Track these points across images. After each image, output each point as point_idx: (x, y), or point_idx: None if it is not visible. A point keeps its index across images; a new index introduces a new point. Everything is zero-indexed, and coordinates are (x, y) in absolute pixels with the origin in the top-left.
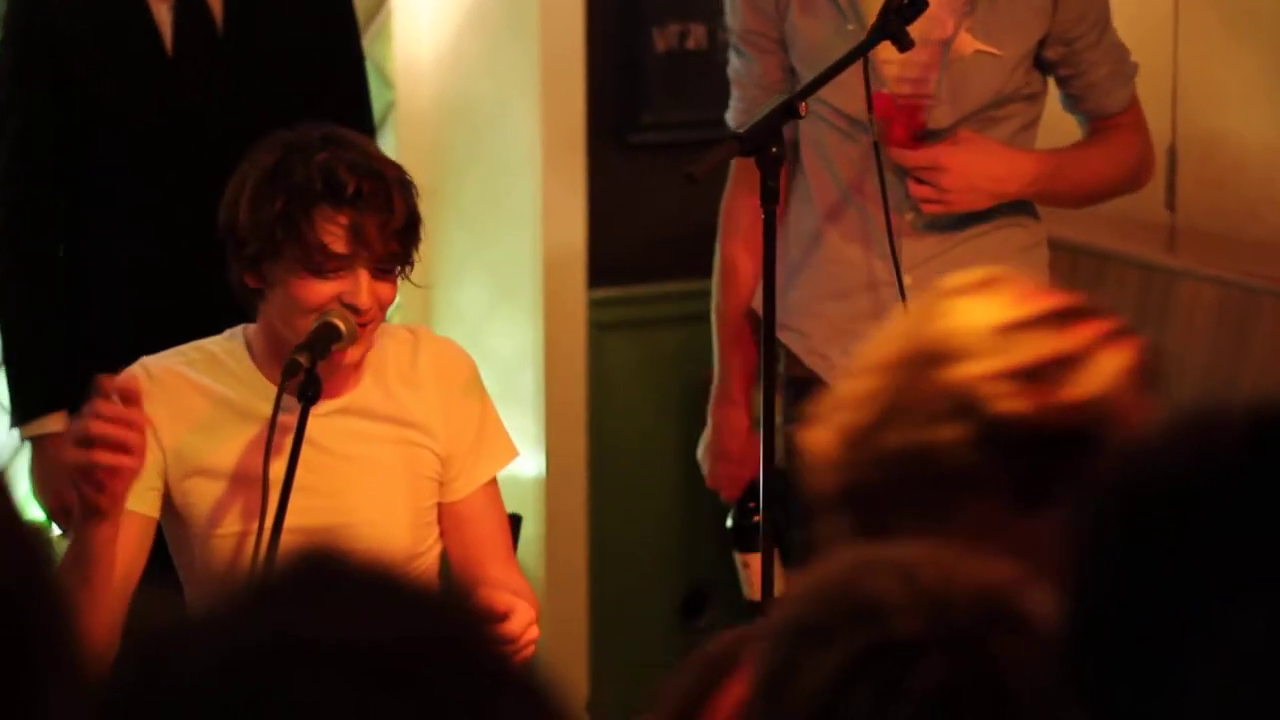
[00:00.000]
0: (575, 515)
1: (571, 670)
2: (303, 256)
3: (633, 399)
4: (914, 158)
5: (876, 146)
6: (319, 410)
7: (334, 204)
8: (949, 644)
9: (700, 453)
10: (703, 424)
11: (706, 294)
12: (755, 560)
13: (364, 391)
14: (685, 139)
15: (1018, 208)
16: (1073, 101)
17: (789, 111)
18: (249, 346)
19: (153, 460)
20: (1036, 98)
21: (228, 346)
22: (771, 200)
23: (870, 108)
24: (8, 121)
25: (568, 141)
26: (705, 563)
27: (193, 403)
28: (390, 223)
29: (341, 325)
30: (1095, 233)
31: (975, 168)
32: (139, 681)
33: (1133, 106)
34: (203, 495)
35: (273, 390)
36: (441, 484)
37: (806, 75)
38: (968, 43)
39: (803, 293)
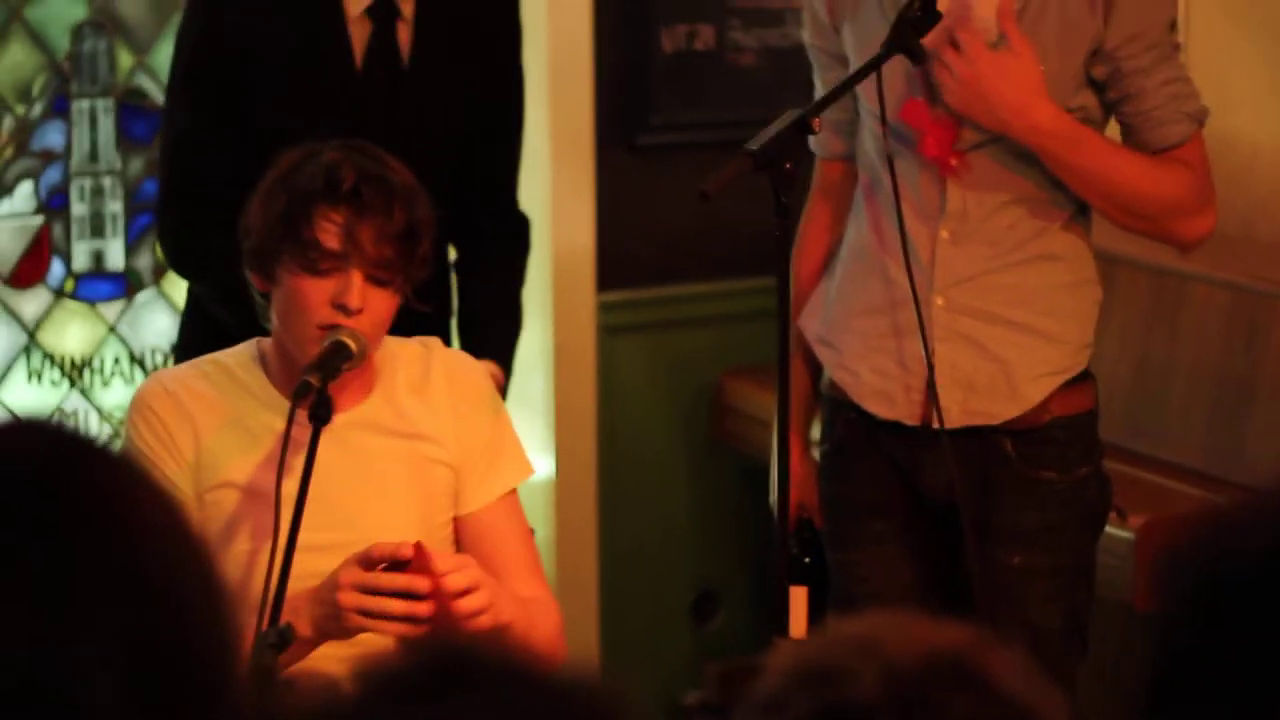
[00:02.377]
0: (585, 518)
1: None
2: (299, 254)
3: (643, 402)
4: (963, 34)
5: (891, 160)
6: (329, 425)
7: (331, 202)
8: (900, 703)
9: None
10: (712, 426)
11: (716, 297)
12: (795, 594)
13: (374, 405)
14: (694, 140)
15: (1064, 236)
16: (1125, 132)
17: (802, 127)
18: (263, 359)
19: (180, 479)
20: (1093, 124)
21: (241, 360)
22: (784, 215)
23: (883, 118)
24: (178, 117)
25: (576, 144)
26: (716, 565)
27: (210, 417)
28: (387, 227)
29: (352, 344)
30: (1105, 236)
31: (994, 81)
32: None
33: (1190, 147)
34: (218, 510)
35: (284, 404)
36: (457, 497)
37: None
38: (1005, 9)
39: (840, 307)
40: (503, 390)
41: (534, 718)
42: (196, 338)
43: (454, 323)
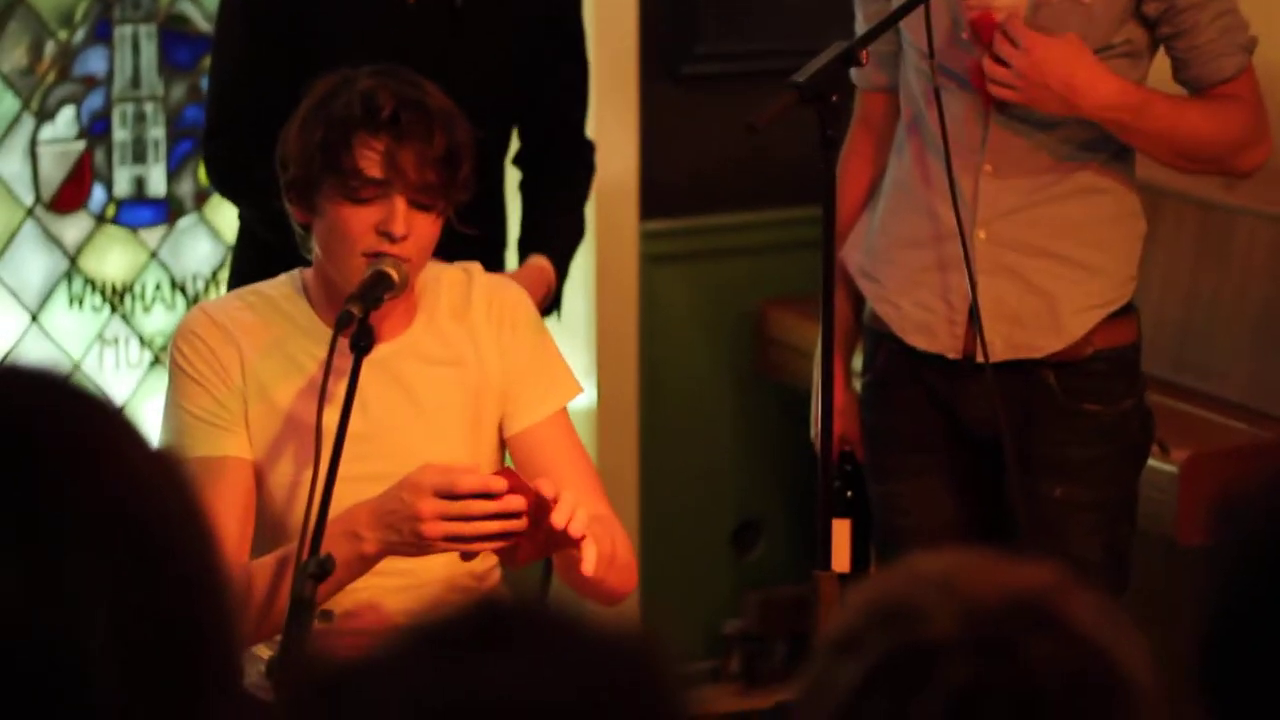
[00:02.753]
0: (626, 446)
1: (622, 603)
2: (340, 183)
3: (684, 331)
4: (1014, 26)
5: (937, 92)
6: (372, 354)
7: (371, 130)
8: (977, 644)
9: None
10: (753, 356)
11: (757, 226)
12: (838, 527)
13: (417, 333)
14: (738, 70)
15: (1108, 168)
16: (1177, 67)
17: (849, 60)
18: (305, 290)
19: (229, 401)
20: (1138, 57)
21: (284, 290)
22: (830, 148)
23: (931, 53)
24: (231, 46)
25: (620, 73)
26: (757, 495)
27: (255, 344)
28: (428, 152)
29: (394, 274)
30: (1151, 169)
31: (1056, 64)
32: None
33: (1244, 79)
34: (264, 435)
35: (327, 333)
36: (504, 418)
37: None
38: None
39: (883, 239)
40: (556, 295)
41: (578, 675)
42: (247, 264)
43: (506, 253)
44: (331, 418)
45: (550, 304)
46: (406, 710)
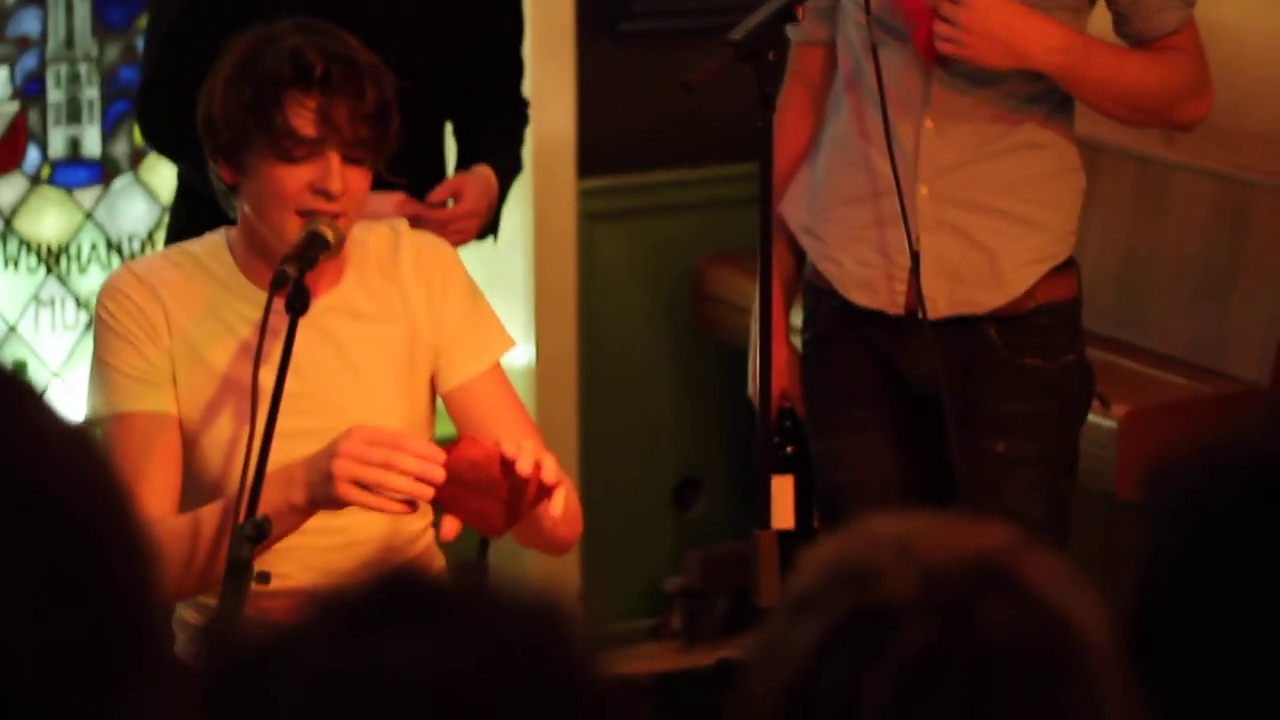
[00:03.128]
0: (566, 404)
1: (564, 559)
2: (272, 143)
3: (623, 288)
4: None
5: (874, 47)
6: (310, 309)
7: (303, 88)
8: (934, 607)
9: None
10: (693, 313)
11: (697, 183)
12: (779, 484)
13: (346, 290)
14: (676, 28)
15: (1049, 123)
16: (1119, 21)
17: (786, 15)
18: (231, 248)
19: (159, 361)
20: (1078, 11)
21: (210, 249)
22: (767, 106)
23: (866, 7)
24: (168, 5)
25: (557, 29)
26: (697, 452)
27: (182, 304)
28: (360, 108)
29: (329, 233)
30: (1091, 123)
31: (999, 14)
32: (229, 709)
33: (1186, 32)
34: (196, 397)
35: (255, 293)
36: (437, 374)
37: None
38: None
39: (824, 196)
40: (495, 215)
41: (480, 644)
42: (185, 223)
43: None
44: (266, 378)
45: (491, 224)
46: (304, 682)
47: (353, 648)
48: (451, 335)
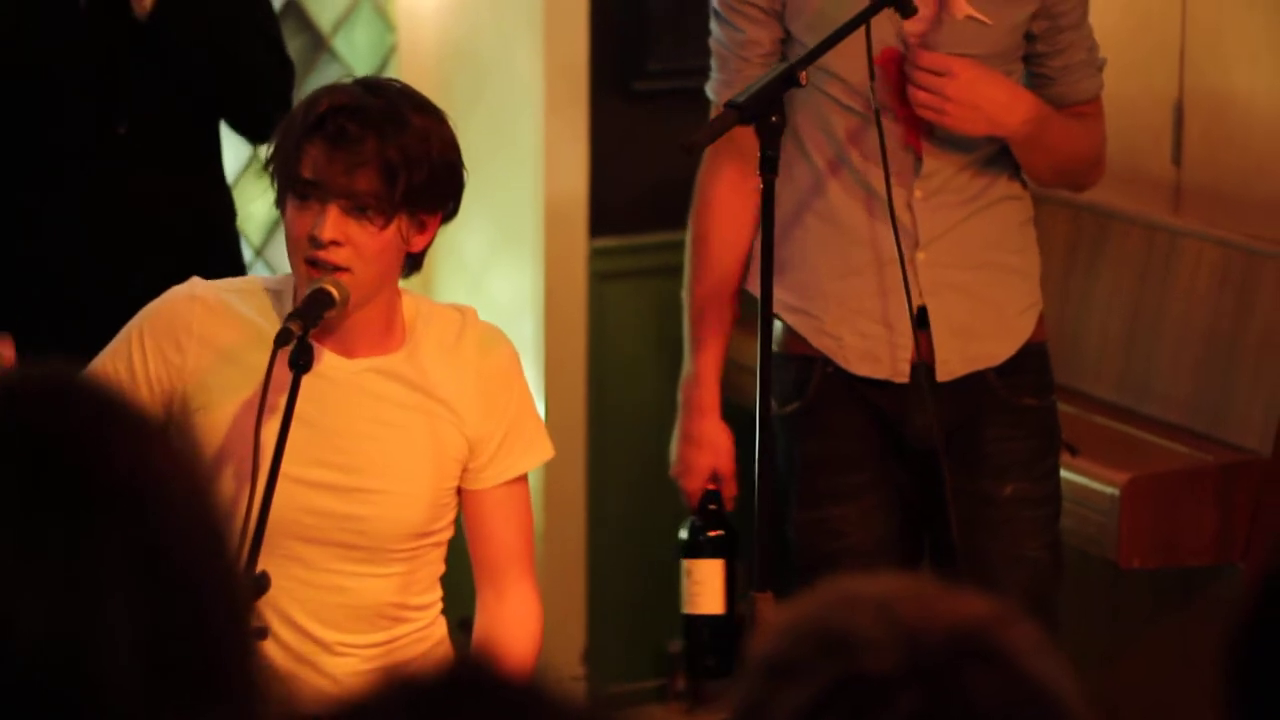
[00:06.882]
0: (574, 464)
1: (570, 621)
2: (288, 184)
3: (633, 349)
4: (928, 58)
5: (878, 113)
6: (353, 366)
7: (310, 135)
8: (921, 677)
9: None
10: None
11: None
12: (702, 569)
13: (401, 358)
14: (690, 86)
15: (1013, 177)
16: (1041, 83)
17: (789, 80)
18: (297, 290)
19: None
20: (1012, 74)
21: (279, 288)
22: (771, 170)
23: (872, 75)
24: None
25: (571, 88)
26: None
27: (226, 335)
28: (356, 158)
29: (334, 291)
30: (1099, 190)
31: (982, 86)
32: None
33: (1099, 99)
34: (209, 433)
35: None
36: (466, 470)
37: (811, 43)
38: (961, 6)
39: (810, 274)
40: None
41: None
42: None
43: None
44: (270, 431)
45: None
46: None
47: None
48: (497, 438)
